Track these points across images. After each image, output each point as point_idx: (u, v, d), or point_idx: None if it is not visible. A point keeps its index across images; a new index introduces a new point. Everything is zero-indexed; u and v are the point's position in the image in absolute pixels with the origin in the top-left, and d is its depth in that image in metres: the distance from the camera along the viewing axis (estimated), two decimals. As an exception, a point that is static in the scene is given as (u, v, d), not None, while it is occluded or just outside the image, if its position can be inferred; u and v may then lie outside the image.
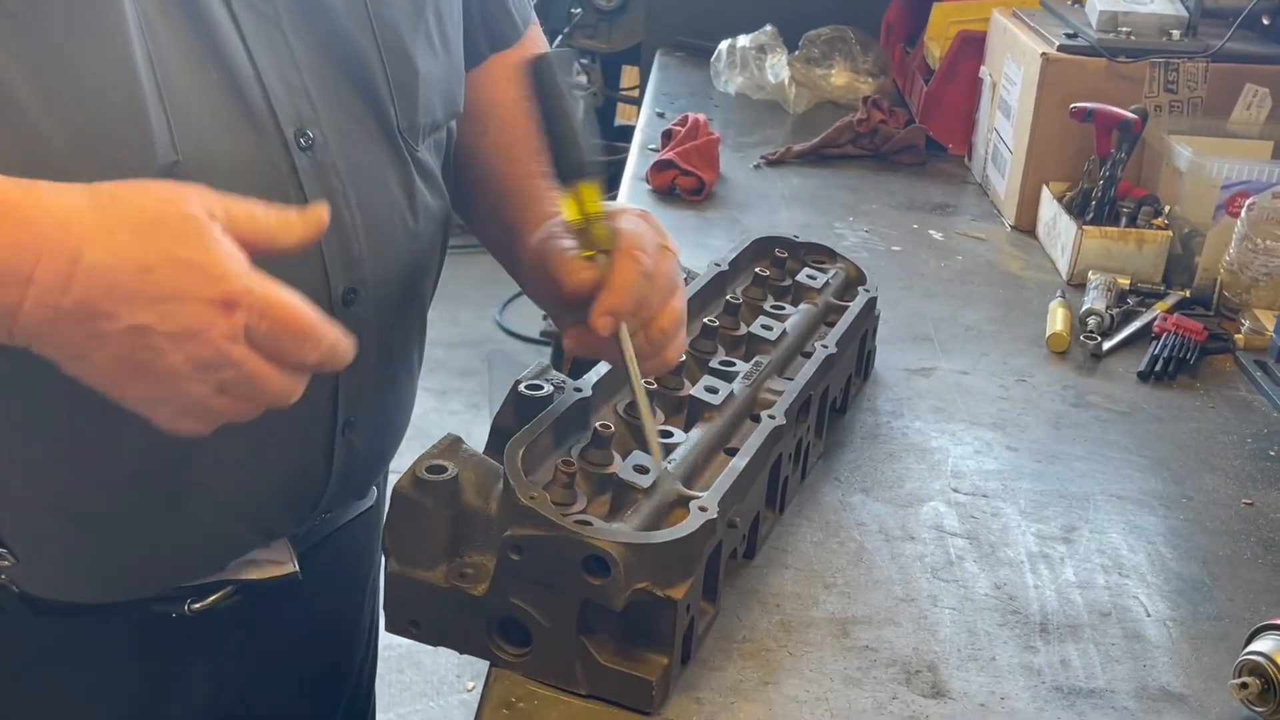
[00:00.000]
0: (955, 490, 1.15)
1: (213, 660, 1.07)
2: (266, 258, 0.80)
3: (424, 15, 1.00)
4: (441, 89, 1.04)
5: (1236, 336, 1.48)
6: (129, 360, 0.73)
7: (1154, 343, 1.44)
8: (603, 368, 1.00)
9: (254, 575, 1.03)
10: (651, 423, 0.94)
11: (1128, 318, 1.51)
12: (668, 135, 1.98)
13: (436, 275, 1.11)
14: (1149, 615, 1.00)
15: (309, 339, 0.77)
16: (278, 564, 1.03)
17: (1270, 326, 1.45)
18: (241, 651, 1.08)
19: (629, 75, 4.02)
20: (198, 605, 1.00)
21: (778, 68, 2.38)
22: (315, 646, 1.19)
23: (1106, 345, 1.46)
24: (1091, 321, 1.48)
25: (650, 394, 1.01)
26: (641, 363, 0.92)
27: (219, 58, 0.87)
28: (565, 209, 0.92)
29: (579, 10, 3.88)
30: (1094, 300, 1.52)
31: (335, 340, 0.78)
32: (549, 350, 3.38)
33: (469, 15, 1.11)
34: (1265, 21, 1.81)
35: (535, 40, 1.20)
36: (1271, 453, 1.27)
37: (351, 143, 0.95)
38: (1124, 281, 1.57)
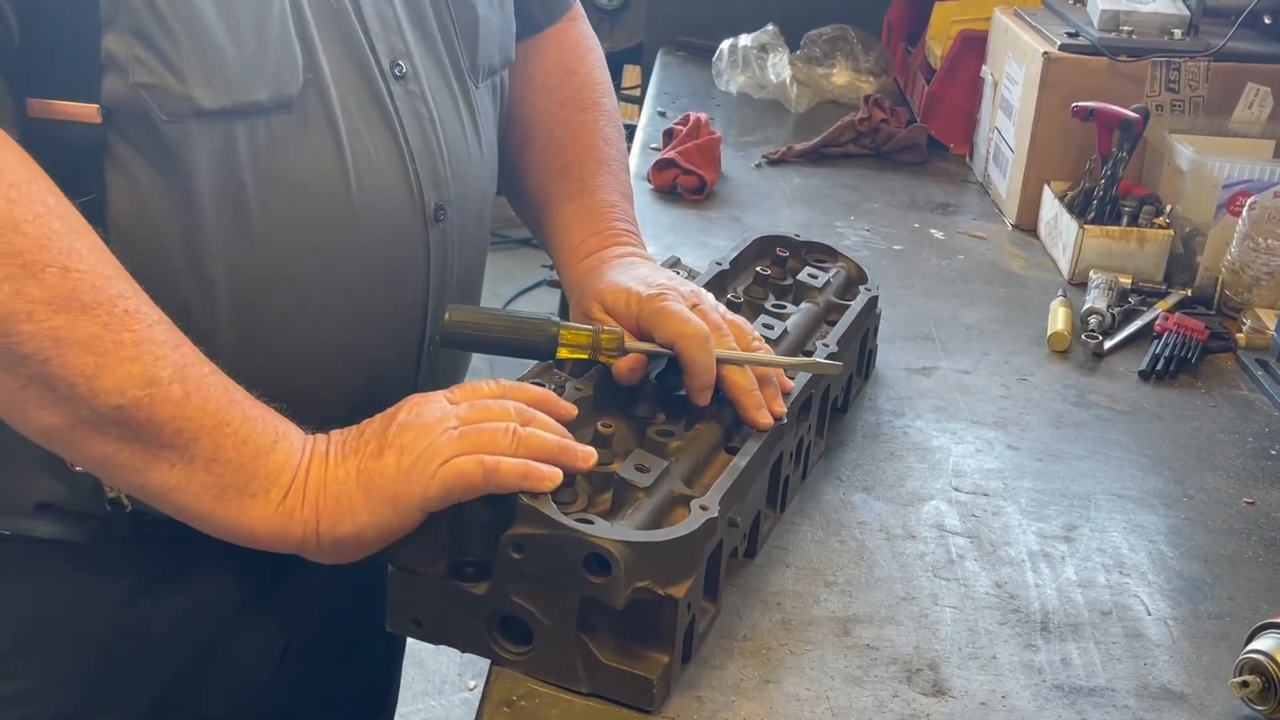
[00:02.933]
0: (956, 489, 1.15)
1: (288, 592, 1.08)
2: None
3: None
4: (498, 36, 1.14)
5: (1238, 335, 1.48)
6: None
7: (1155, 342, 1.44)
8: (603, 367, 1.00)
9: None
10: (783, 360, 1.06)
11: (1129, 317, 1.51)
12: (669, 134, 1.98)
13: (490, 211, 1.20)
14: (1150, 614, 1.00)
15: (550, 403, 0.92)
16: None
17: (1271, 325, 1.45)
18: (315, 586, 1.09)
19: (630, 74, 4.02)
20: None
21: (779, 67, 2.38)
22: (374, 594, 1.21)
23: (1108, 344, 1.46)
24: (1093, 320, 1.48)
25: (649, 390, 1.01)
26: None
27: None
28: (567, 353, 0.99)
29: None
30: (1095, 299, 1.51)
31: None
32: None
33: None
34: (1267, 21, 1.81)
35: (581, 14, 1.33)
36: (1273, 452, 1.27)
37: (431, 75, 1.04)
38: (1125, 281, 1.57)
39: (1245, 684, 0.87)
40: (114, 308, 0.80)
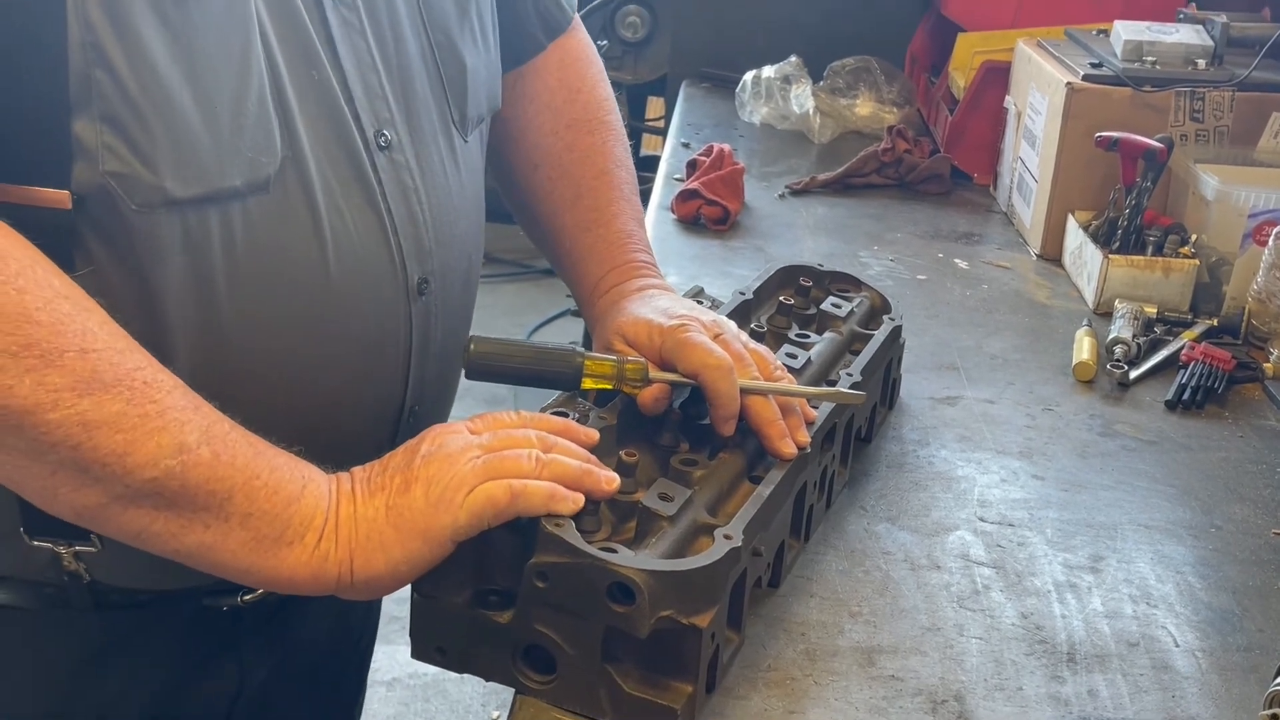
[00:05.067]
0: (981, 519, 1.15)
1: (243, 652, 1.09)
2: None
3: (468, 15, 1.08)
4: (485, 83, 1.11)
5: (1265, 365, 1.47)
6: None
7: (1181, 371, 1.44)
8: (627, 396, 1.00)
9: None
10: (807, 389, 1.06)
11: (1155, 346, 1.51)
12: (693, 165, 1.99)
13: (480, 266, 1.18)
14: (1178, 646, 0.99)
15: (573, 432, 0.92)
16: None
17: (1299, 355, 1.44)
18: (269, 644, 1.11)
19: (654, 106, 4.04)
20: (249, 597, 1.01)
21: (802, 98, 2.39)
22: (329, 640, 1.22)
23: (1133, 374, 1.45)
24: (1118, 350, 1.48)
25: (673, 419, 1.01)
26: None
27: (314, 64, 0.92)
28: (591, 383, 0.99)
29: (605, 43, 3.91)
30: (1120, 329, 1.51)
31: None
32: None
33: (524, 11, 1.22)
34: (1291, 50, 1.80)
35: (579, 23, 1.30)
36: (1301, 482, 1.26)
37: (418, 139, 1.01)
38: (1151, 310, 1.57)
39: (1275, 717, 0.86)
40: (134, 381, 0.79)
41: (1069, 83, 1.74)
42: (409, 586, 0.88)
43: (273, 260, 0.91)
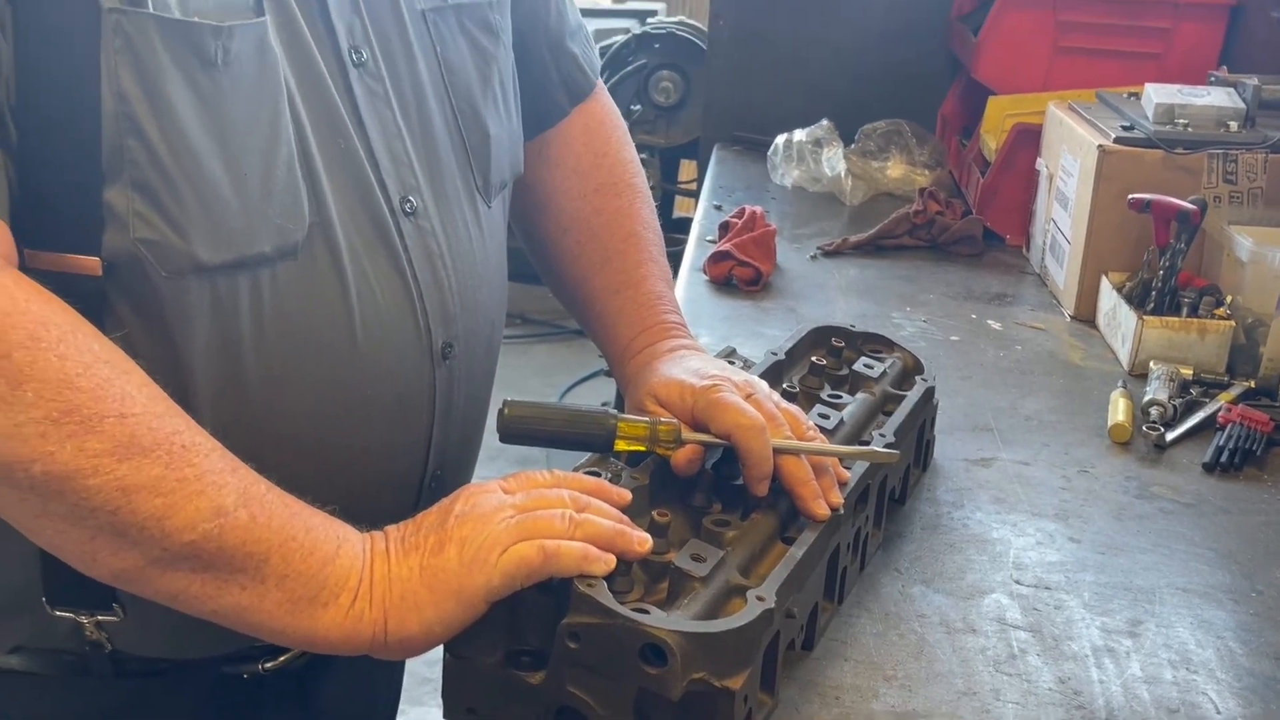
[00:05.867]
0: (1017, 582, 1.14)
1: (264, 718, 1.08)
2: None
3: (491, 83, 1.09)
4: (508, 149, 1.12)
5: (1304, 427, 1.45)
6: None
7: (1219, 434, 1.42)
8: (659, 456, 1.00)
9: None
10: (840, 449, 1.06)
11: (1191, 408, 1.49)
12: (725, 227, 2.00)
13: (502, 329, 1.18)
14: (1219, 713, 0.97)
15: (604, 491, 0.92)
16: None
17: (1338, 417, 1.42)
18: (292, 710, 1.10)
19: (687, 169, 4.07)
20: (270, 665, 1.02)
21: (834, 161, 2.40)
22: (352, 705, 1.21)
23: (1170, 436, 1.43)
24: (1154, 412, 1.46)
25: (705, 480, 1.01)
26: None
27: (340, 132, 0.94)
28: (625, 445, 0.99)
29: (638, 107, 3.96)
30: (1156, 391, 1.50)
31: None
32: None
33: (548, 77, 1.23)
34: (1324, 112, 1.80)
35: (602, 87, 1.32)
36: (1343, 546, 1.24)
37: (442, 205, 1.02)
38: (1186, 372, 1.55)
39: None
40: (172, 445, 0.80)
41: (1101, 145, 1.74)
42: (440, 647, 0.88)
43: (299, 325, 0.92)
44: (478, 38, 1.08)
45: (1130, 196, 1.66)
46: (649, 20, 4.25)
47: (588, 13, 4.52)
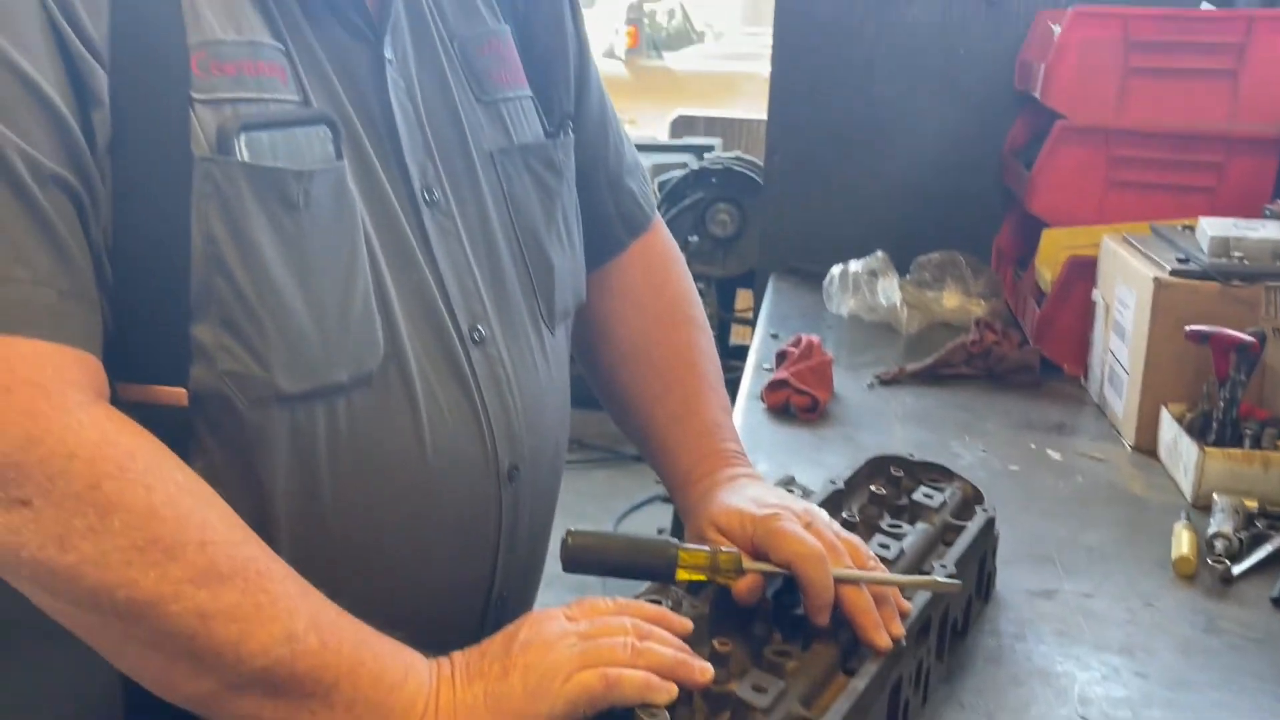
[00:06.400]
0: (1083, 717, 1.11)
1: None
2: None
3: (554, 218, 1.13)
4: (570, 280, 1.15)
5: (1375, 562, 1.42)
6: None
7: (1287, 567, 1.40)
8: (719, 584, 1.00)
9: None
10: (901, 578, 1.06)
11: (1257, 541, 1.47)
12: (781, 355, 2.02)
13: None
14: None
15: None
16: None
17: None
18: None
19: (743, 298, 4.12)
20: None
21: (889, 291, 2.42)
22: None
23: (1236, 569, 1.41)
24: (1219, 545, 1.44)
25: (765, 609, 1.01)
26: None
27: (413, 266, 0.98)
28: (686, 574, 0.99)
29: (695, 238, 4.03)
30: (1221, 523, 1.48)
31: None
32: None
33: (607, 212, 1.27)
34: (1382, 244, 1.80)
35: (660, 221, 1.34)
36: None
37: (509, 333, 1.05)
38: (1252, 504, 1.53)
39: None
40: (249, 572, 0.82)
41: (1156, 278, 1.75)
42: None
43: (373, 449, 0.94)
44: (542, 175, 1.12)
45: (1188, 329, 1.66)
46: (706, 155, 4.35)
47: (647, 148, 4.63)
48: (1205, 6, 2.40)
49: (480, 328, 1.02)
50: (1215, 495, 1.55)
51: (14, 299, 0.80)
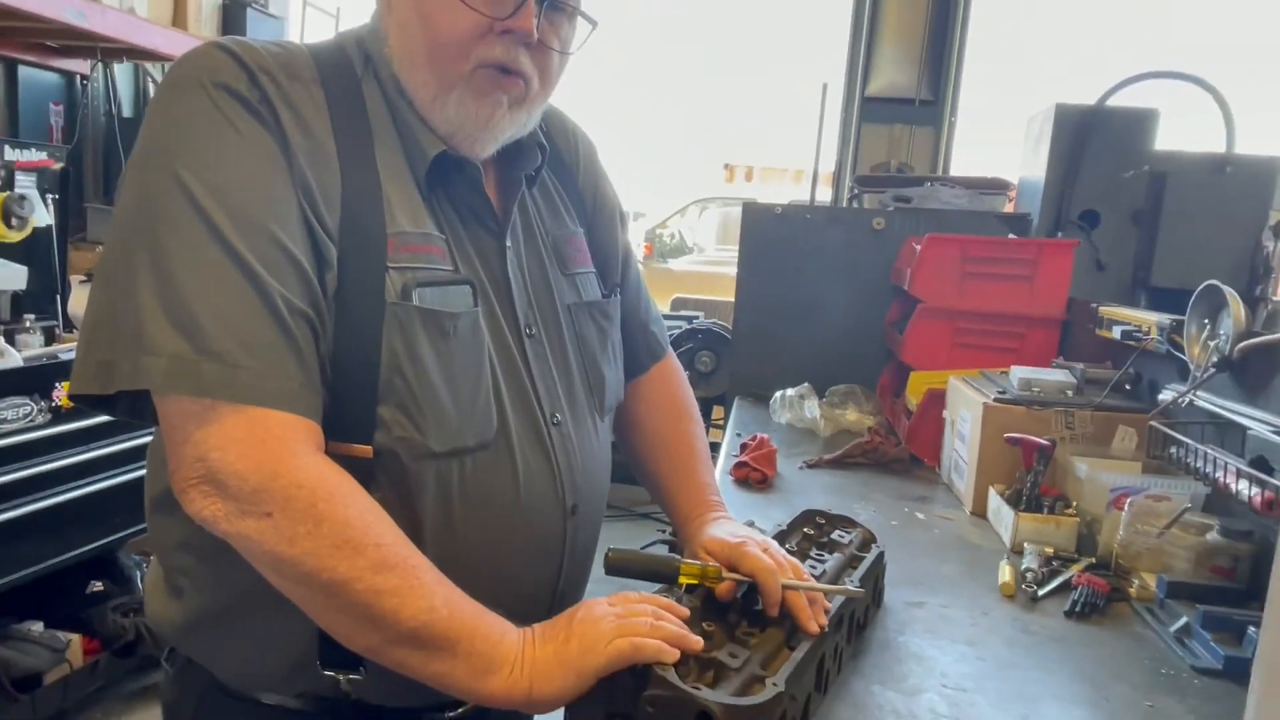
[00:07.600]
0: (944, 685, 1.09)
1: None
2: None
3: (606, 346, 1.13)
4: (614, 387, 1.14)
5: (1130, 590, 1.40)
6: None
7: (1074, 591, 1.37)
8: (707, 588, 0.99)
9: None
10: (826, 587, 1.02)
11: (1053, 574, 1.45)
12: (743, 447, 2.01)
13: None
14: (1088, 783, 0.91)
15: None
16: None
17: (1153, 584, 1.37)
18: None
19: (718, 411, 4.11)
20: (452, 714, 0.99)
21: (812, 408, 2.43)
22: None
23: (1041, 592, 1.39)
24: (1029, 576, 1.42)
25: (737, 604, 1.00)
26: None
27: (516, 373, 0.98)
28: (685, 579, 0.98)
29: (686, 372, 4.03)
30: (1029, 562, 1.46)
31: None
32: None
33: (637, 345, 1.25)
34: (1127, 387, 1.81)
35: (672, 353, 1.32)
36: (1163, 671, 1.17)
37: (576, 419, 1.04)
38: (1049, 550, 1.51)
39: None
40: (406, 565, 0.82)
41: (985, 403, 1.76)
42: (562, 708, 0.86)
43: (487, 492, 0.94)
44: (599, 320, 1.14)
45: (1005, 435, 1.66)
46: (694, 321, 4.40)
47: (657, 315, 4.65)
48: (1010, 237, 2.45)
49: (557, 415, 1.02)
50: (1026, 544, 1.53)
51: (272, 388, 0.83)
